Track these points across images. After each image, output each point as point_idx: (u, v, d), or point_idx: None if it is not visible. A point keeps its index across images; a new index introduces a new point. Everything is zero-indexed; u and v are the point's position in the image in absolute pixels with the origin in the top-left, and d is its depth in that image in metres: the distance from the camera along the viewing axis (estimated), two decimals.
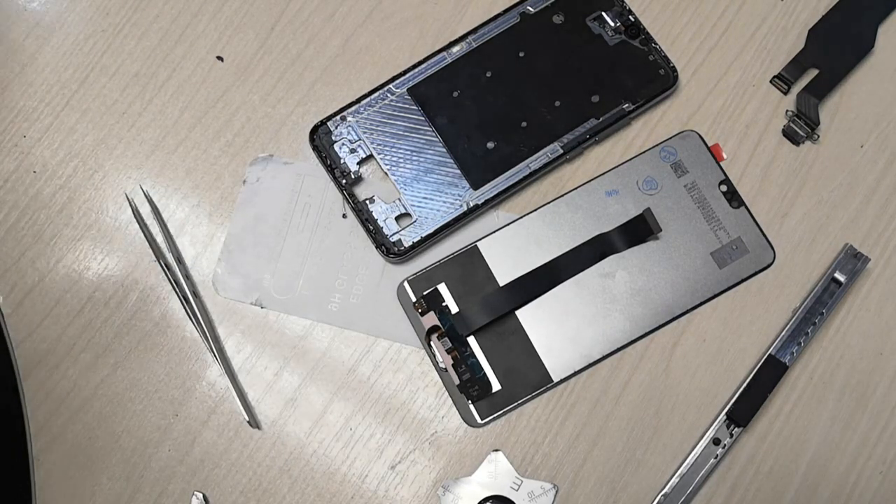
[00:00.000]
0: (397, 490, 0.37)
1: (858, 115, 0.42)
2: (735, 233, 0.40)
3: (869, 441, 0.38)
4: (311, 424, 0.37)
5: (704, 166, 0.41)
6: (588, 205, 0.40)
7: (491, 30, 0.42)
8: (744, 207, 0.40)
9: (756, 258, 0.40)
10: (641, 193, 0.40)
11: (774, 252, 0.40)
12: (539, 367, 0.38)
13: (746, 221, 0.40)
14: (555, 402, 0.38)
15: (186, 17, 0.43)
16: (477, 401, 0.38)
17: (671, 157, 0.41)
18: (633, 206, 0.40)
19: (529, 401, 0.38)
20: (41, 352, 0.38)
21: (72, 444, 0.37)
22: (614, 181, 0.40)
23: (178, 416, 0.37)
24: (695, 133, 0.41)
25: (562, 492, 0.37)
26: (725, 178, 0.41)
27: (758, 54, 0.43)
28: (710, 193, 0.40)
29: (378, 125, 0.41)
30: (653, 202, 0.40)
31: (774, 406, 0.38)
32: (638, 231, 0.39)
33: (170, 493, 0.36)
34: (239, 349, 0.38)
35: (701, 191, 0.40)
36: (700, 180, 0.40)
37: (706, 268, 0.39)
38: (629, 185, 0.40)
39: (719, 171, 0.41)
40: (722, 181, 0.41)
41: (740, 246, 0.40)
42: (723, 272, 0.39)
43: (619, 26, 0.42)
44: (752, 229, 0.40)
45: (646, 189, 0.40)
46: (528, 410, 0.38)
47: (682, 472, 0.37)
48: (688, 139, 0.41)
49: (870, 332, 0.39)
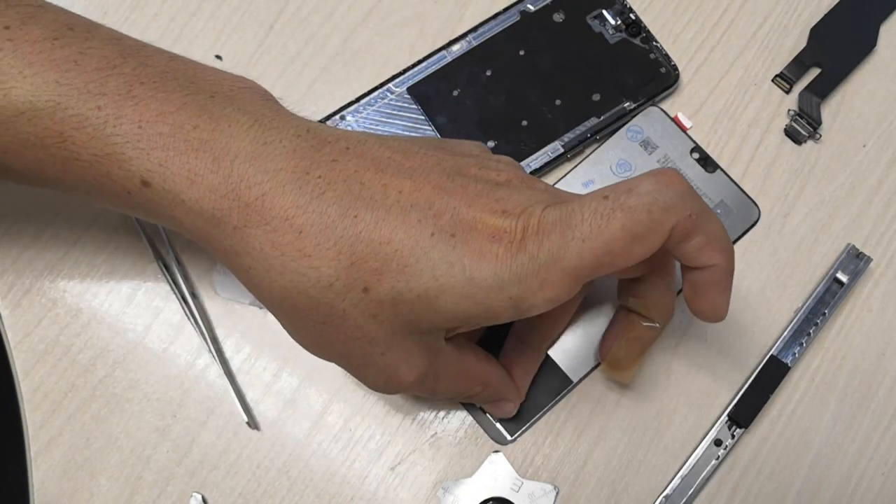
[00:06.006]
0: (397, 491, 0.37)
1: (861, 115, 0.42)
2: (717, 196, 0.40)
3: (871, 442, 0.38)
4: (311, 425, 0.37)
5: (672, 138, 0.41)
6: None
7: (491, 28, 0.42)
8: (720, 170, 0.41)
9: (742, 217, 0.40)
10: (617, 178, 0.40)
11: (758, 207, 0.40)
12: (555, 370, 0.38)
13: (725, 184, 0.40)
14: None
15: (185, 16, 0.43)
16: (502, 419, 0.37)
17: (638, 136, 0.41)
18: None
19: (553, 406, 0.38)
20: (39, 352, 0.38)
21: (70, 445, 0.37)
22: (588, 171, 0.41)
23: (176, 417, 0.37)
24: (657, 108, 0.41)
25: (562, 493, 0.37)
26: (695, 146, 0.41)
27: (759, 53, 0.43)
28: (683, 163, 0.41)
29: (378, 124, 0.41)
30: None
31: (776, 407, 0.38)
32: None
33: (168, 494, 0.36)
34: (238, 350, 0.38)
35: (674, 163, 0.41)
36: (671, 153, 0.41)
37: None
38: (603, 172, 0.40)
39: (688, 140, 0.41)
40: (693, 148, 0.41)
41: (724, 209, 0.40)
42: None
43: (619, 24, 0.42)
44: (733, 190, 0.40)
45: (620, 172, 0.40)
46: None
47: (684, 474, 0.37)
48: (651, 115, 0.41)
49: (872, 333, 0.39)
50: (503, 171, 0.31)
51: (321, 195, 0.28)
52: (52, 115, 0.28)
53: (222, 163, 0.28)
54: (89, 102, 0.28)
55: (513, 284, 0.28)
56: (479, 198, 0.29)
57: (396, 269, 0.28)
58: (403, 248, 0.28)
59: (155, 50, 0.31)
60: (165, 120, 0.28)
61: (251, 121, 0.29)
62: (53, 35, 0.29)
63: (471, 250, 0.28)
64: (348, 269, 0.28)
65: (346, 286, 0.28)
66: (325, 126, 0.31)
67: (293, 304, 0.29)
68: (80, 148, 0.28)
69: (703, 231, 0.29)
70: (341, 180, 0.29)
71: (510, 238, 0.28)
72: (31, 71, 0.28)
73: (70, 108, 0.28)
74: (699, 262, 0.30)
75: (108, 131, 0.28)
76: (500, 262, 0.28)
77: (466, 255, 0.28)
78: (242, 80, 0.32)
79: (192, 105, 0.29)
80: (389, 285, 0.28)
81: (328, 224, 0.28)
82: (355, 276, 0.28)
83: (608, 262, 0.28)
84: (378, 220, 0.28)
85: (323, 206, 0.28)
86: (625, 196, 0.28)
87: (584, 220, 0.28)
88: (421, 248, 0.28)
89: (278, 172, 0.28)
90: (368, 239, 0.28)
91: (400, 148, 0.31)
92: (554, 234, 0.28)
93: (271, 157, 0.29)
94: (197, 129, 0.29)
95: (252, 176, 0.28)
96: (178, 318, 0.38)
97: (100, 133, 0.28)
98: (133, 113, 0.28)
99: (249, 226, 0.28)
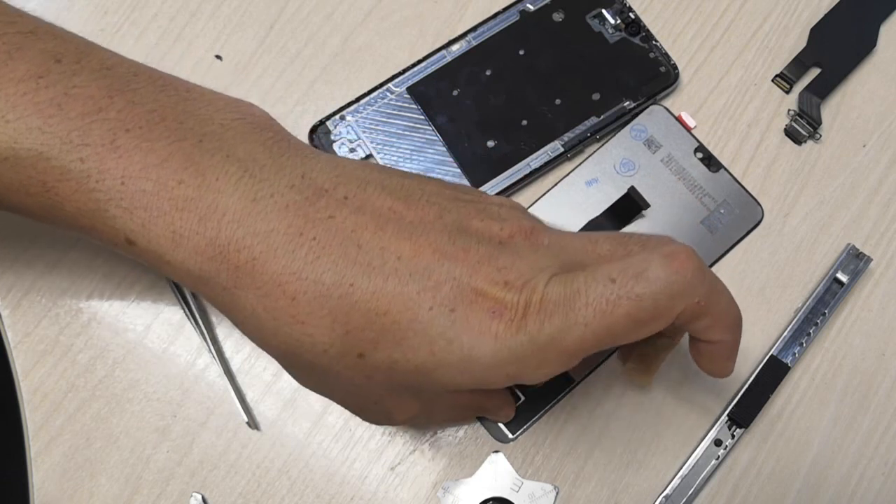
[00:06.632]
0: (397, 492, 0.37)
1: (861, 115, 0.42)
2: (720, 196, 0.40)
3: (871, 442, 0.38)
4: (311, 425, 0.37)
5: (676, 137, 0.41)
6: (571, 199, 0.40)
7: (490, 28, 0.42)
8: (723, 170, 0.41)
9: (745, 217, 0.40)
10: (621, 177, 0.40)
11: (762, 207, 0.40)
12: None
13: (728, 183, 0.40)
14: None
15: (185, 16, 0.43)
16: None
17: (642, 135, 0.41)
18: (615, 191, 0.40)
19: (554, 406, 0.38)
20: (39, 352, 0.38)
21: (70, 445, 0.37)
22: (592, 170, 0.40)
23: (176, 417, 0.37)
24: (660, 106, 0.41)
25: (563, 493, 0.37)
26: (699, 145, 0.41)
27: (759, 53, 0.43)
28: (687, 163, 0.41)
29: (377, 124, 0.41)
30: (633, 182, 0.40)
31: (776, 407, 0.38)
32: (627, 210, 0.40)
33: (168, 495, 0.36)
34: (238, 349, 0.38)
35: (678, 162, 0.41)
36: (675, 152, 0.41)
37: (699, 237, 0.40)
38: (607, 171, 0.40)
39: (692, 139, 0.41)
40: (696, 148, 0.41)
41: (727, 209, 0.40)
42: (715, 238, 0.40)
43: (619, 24, 0.42)
44: (736, 190, 0.40)
45: (624, 171, 0.40)
46: None
47: (684, 474, 0.37)
48: (655, 114, 0.41)
49: (872, 333, 0.39)
50: (506, 223, 0.30)
51: (315, 260, 0.27)
52: (35, 164, 0.27)
53: (208, 223, 0.27)
54: (72, 154, 0.27)
55: (510, 363, 0.28)
56: (480, 266, 0.28)
57: (393, 340, 0.27)
58: (401, 321, 0.27)
59: (146, 79, 0.30)
60: (149, 175, 0.27)
61: (241, 171, 0.28)
62: (39, 72, 0.27)
63: (470, 328, 0.27)
64: (343, 337, 0.27)
65: (340, 353, 0.28)
66: (322, 168, 0.29)
67: (289, 360, 0.29)
68: (64, 200, 0.28)
69: (711, 313, 0.29)
70: (337, 243, 0.28)
71: (511, 315, 0.28)
72: (13, 115, 0.27)
73: (53, 159, 0.27)
74: (706, 338, 0.31)
75: (91, 186, 0.27)
76: (498, 342, 0.27)
77: (465, 332, 0.27)
78: (237, 107, 0.30)
79: (178, 155, 0.28)
80: (386, 354, 0.28)
81: (322, 292, 0.27)
82: (350, 343, 0.28)
83: (609, 342, 0.28)
84: (375, 290, 0.27)
85: (317, 273, 0.27)
86: (632, 283, 0.27)
87: (588, 304, 0.27)
88: (419, 323, 0.27)
89: (269, 234, 0.27)
90: (365, 309, 0.27)
91: (402, 193, 0.30)
92: (556, 317, 0.27)
93: (261, 215, 0.27)
94: (182, 184, 0.27)
95: (241, 238, 0.27)
96: (178, 318, 0.38)
97: (83, 187, 0.27)
98: (116, 167, 0.27)
99: (240, 287, 0.27)
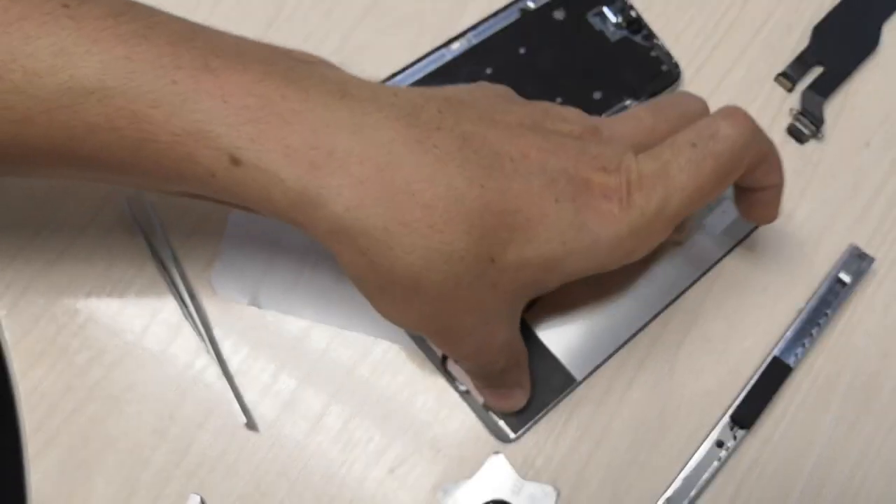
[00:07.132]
0: (396, 493, 0.36)
1: (864, 114, 0.42)
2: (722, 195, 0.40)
3: (874, 443, 0.38)
4: (310, 427, 0.37)
5: None
6: None
7: (491, 26, 0.42)
8: None
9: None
10: None
11: None
12: (559, 368, 0.37)
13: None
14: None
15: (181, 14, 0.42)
16: (506, 416, 0.37)
17: None
18: None
19: (555, 406, 0.37)
20: (36, 353, 0.37)
21: (67, 446, 0.36)
22: None
23: (174, 419, 0.37)
24: None
25: (563, 495, 0.37)
26: None
27: (762, 51, 0.43)
28: None
29: None
30: None
31: (778, 408, 0.38)
32: None
33: (166, 496, 0.36)
34: (236, 350, 0.38)
35: None
36: None
37: (701, 236, 0.39)
38: None
39: None
40: None
41: (730, 207, 0.40)
42: (718, 237, 0.39)
43: (620, 22, 0.42)
44: None
45: None
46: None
47: (686, 475, 0.37)
48: None
49: (875, 334, 0.39)
50: (574, 124, 0.32)
51: (444, 166, 0.27)
52: (125, 93, 0.26)
53: (322, 136, 0.26)
54: (164, 77, 0.26)
55: (629, 239, 0.30)
56: (580, 157, 0.30)
57: (524, 238, 0.28)
58: (532, 217, 0.28)
59: (220, 30, 0.30)
60: (251, 91, 0.26)
61: (341, 91, 0.27)
62: (115, 12, 0.27)
63: (592, 213, 0.29)
64: (478, 241, 0.27)
65: (475, 258, 0.27)
66: (405, 89, 0.30)
67: (415, 281, 0.27)
68: (157, 128, 0.26)
69: (769, 158, 0.33)
70: (456, 148, 0.28)
71: (619, 195, 0.30)
72: (97, 48, 0.26)
73: (144, 85, 0.26)
74: (762, 184, 0.34)
75: (189, 107, 0.26)
76: (616, 221, 0.30)
77: (590, 218, 0.29)
78: (308, 53, 0.31)
79: (275, 75, 0.27)
80: (516, 254, 0.28)
81: (457, 196, 0.27)
82: (485, 247, 0.28)
83: (700, 202, 0.31)
84: (504, 190, 0.28)
85: (448, 178, 0.27)
86: (712, 143, 0.30)
87: (681, 169, 0.30)
88: (549, 216, 0.29)
89: (392, 143, 0.26)
90: (498, 209, 0.28)
91: (483, 105, 0.30)
92: (658, 188, 0.30)
93: (377, 125, 0.27)
94: (286, 99, 0.26)
95: (362, 150, 0.26)
96: (176, 319, 0.38)
97: (179, 110, 0.26)
98: (214, 86, 0.26)
99: (366, 205, 0.26)
